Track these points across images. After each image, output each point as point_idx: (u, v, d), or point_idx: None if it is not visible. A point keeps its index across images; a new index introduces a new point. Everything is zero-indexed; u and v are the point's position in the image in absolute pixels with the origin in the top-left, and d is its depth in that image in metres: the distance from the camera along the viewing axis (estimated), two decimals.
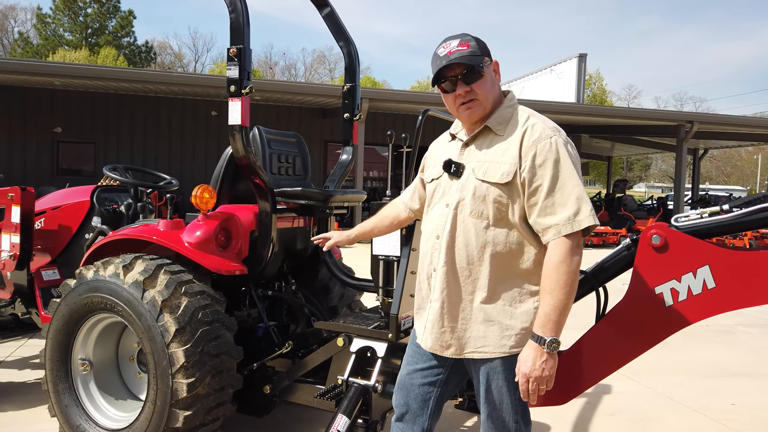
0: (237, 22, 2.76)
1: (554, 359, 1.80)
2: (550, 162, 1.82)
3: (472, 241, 1.90)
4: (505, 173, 1.85)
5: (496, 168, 1.87)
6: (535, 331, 1.82)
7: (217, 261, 2.97)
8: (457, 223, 1.92)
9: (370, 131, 14.97)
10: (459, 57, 1.89)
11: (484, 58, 1.92)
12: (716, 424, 3.92)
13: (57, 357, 3.07)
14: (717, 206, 2.32)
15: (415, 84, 55.68)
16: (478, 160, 1.93)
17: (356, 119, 3.69)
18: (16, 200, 3.61)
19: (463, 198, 1.92)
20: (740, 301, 2.18)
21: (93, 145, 16.09)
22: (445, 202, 1.98)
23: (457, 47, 1.91)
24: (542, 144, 1.84)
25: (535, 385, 1.80)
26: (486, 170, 1.89)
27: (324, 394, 2.78)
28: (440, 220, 1.97)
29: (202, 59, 55.17)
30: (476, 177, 1.90)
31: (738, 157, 53.39)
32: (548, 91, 21.96)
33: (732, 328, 6.68)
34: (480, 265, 1.90)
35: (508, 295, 1.90)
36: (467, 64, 1.89)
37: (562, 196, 1.81)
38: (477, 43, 1.93)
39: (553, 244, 1.82)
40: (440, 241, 1.95)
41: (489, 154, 1.92)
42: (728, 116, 19.22)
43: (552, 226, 1.81)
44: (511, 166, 1.85)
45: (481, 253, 1.89)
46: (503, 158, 1.88)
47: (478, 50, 1.92)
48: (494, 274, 1.89)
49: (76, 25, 42.67)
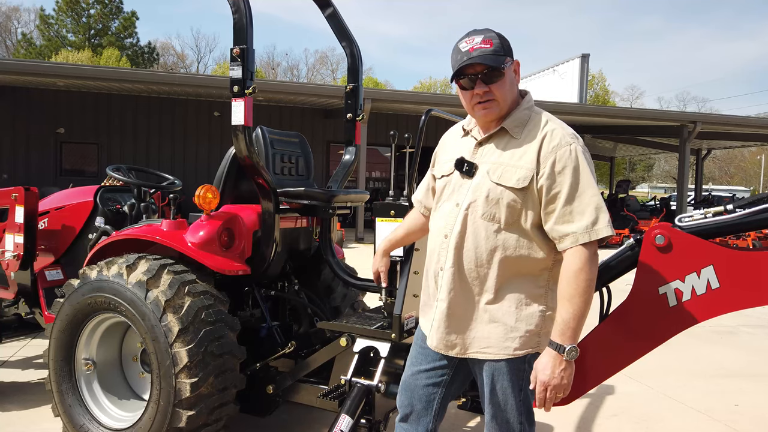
0: (240, 22, 2.77)
1: (572, 367, 1.80)
2: (570, 169, 1.81)
3: (481, 244, 1.88)
4: (522, 178, 1.84)
5: (512, 172, 1.85)
6: (553, 339, 1.80)
7: (221, 261, 2.97)
8: (468, 224, 1.90)
9: (373, 132, 14.98)
10: (481, 56, 1.85)
11: (507, 58, 1.88)
12: (720, 425, 3.91)
13: (60, 357, 3.08)
14: (721, 206, 2.31)
15: (418, 85, 55.73)
16: (492, 162, 1.91)
17: (359, 119, 3.69)
18: (19, 200, 3.61)
19: (475, 200, 1.89)
20: (744, 302, 2.18)
21: (96, 146, 16.13)
22: (455, 201, 1.96)
23: (481, 44, 1.86)
24: (562, 151, 1.82)
25: (552, 393, 1.80)
26: (501, 173, 1.87)
27: (327, 394, 2.78)
28: (449, 219, 1.95)
29: (204, 60, 55.35)
30: (491, 179, 1.88)
31: (741, 158, 53.28)
32: (551, 91, 21.95)
33: (735, 329, 6.66)
34: (488, 267, 1.88)
35: (513, 297, 1.89)
36: (489, 65, 1.85)
37: (581, 204, 1.80)
38: (501, 41, 1.89)
39: (570, 252, 1.81)
40: (448, 241, 1.94)
41: (505, 156, 1.89)
42: (731, 116, 19.17)
43: (570, 234, 1.80)
44: (528, 171, 1.83)
45: (490, 256, 1.88)
46: (520, 162, 1.86)
47: (501, 49, 1.87)
48: (501, 276, 1.88)
49: (79, 26, 42.76)
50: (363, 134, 12.80)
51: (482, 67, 1.86)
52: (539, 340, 1.91)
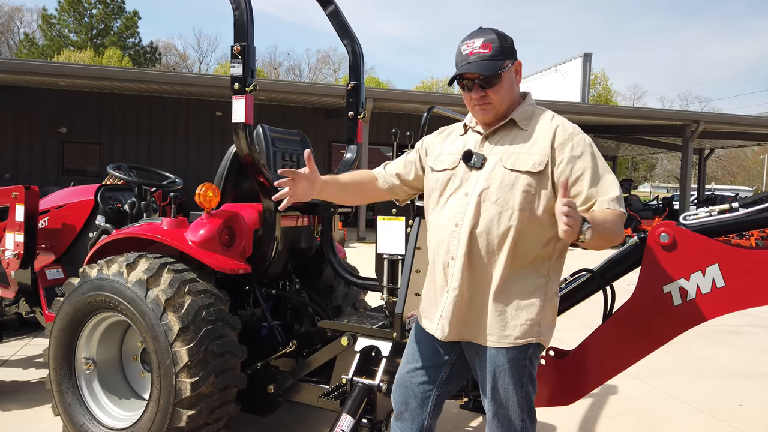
0: (241, 19, 2.76)
1: (586, 234, 1.67)
2: (588, 154, 1.90)
3: (493, 230, 1.90)
4: (537, 163, 1.89)
5: (526, 158, 1.91)
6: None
7: (221, 260, 2.96)
8: (481, 210, 1.92)
9: (374, 131, 14.98)
10: (477, 62, 1.92)
11: (505, 62, 1.94)
12: (724, 425, 3.89)
13: (61, 356, 3.07)
14: (726, 205, 2.30)
15: (420, 84, 55.69)
16: (503, 151, 1.96)
17: (360, 117, 3.67)
18: (20, 199, 3.61)
19: (488, 186, 1.92)
20: (750, 301, 2.16)
21: (98, 146, 16.16)
22: (464, 191, 1.98)
23: (479, 49, 1.93)
24: (577, 138, 1.92)
25: (568, 212, 1.63)
26: (515, 160, 1.92)
27: (328, 393, 2.77)
28: (459, 209, 1.96)
29: (206, 60, 55.31)
30: (504, 166, 1.92)
31: (744, 157, 53.18)
32: (553, 90, 21.93)
33: (739, 329, 6.63)
34: (498, 254, 1.91)
35: (517, 286, 1.92)
36: (483, 74, 1.91)
37: (603, 185, 1.87)
38: (501, 43, 1.94)
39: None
40: (459, 229, 1.94)
41: (515, 146, 1.95)
42: (734, 116, 19.14)
43: (607, 200, 1.85)
44: (543, 157, 1.90)
45: (501, 241, 1.90)
46: (532, 150, 1.92)
47: (500, 53, 1.93)
48: (509, 264, 1.90)
49: (81, 25, 42.87)
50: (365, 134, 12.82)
51: (478, 75, 1.93)
52: (540, 330, 1.93)
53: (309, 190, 2.06)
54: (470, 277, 1.94)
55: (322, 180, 2.11)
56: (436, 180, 2.07)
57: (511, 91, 1.99)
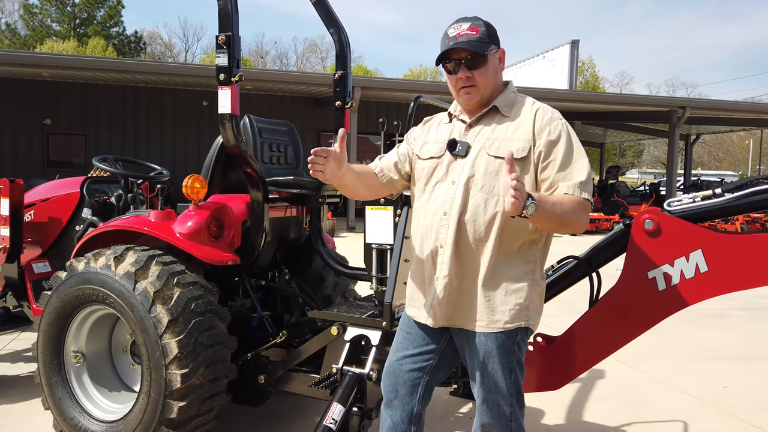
0: (225, 8, 2.73)
1: (533, 207, 1.72)
2: (564, 139, 1.93)
3: (480, 217, 1.93)
4: (520, 149, 1.92)
5: (509, 144, 1.93)
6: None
7: (209, 251, 2.95)
8: (469, 198, 1.95)
9: (363, 120, 14.93)
10: (466, 41, 1.95)
11: (491, 45, 1.99)
12: (709, 406, 3.96)
13: (49, 350, 3.05)
14: (709, 190, 2.32)
15: (408, 72, 55.51)
16: (486, 138, 1.98)
17: (348, 107, 3.66)
18: (4, 192, 3.57)
19: (473, 174, 1.95)
20: (733, 285, 2.19)
21: (83, 137, 15.96)
22: (450, 179, 2.00)
23: (467, 31, 1.97)
24: (555, 123, 1.95)
25: (516, 186, 1.68)
26: (498, 147, 1.95)
27: (319, 383, 2.78)
28: (447, 197, 1.98)
29: (192, 49, 54.83)
30: (488, 153, 1.95)
31: (730, 143, 53.65)
32: (541, 77, 21.90)
33: (724, 312, 6.73)
34: (486, 240, 1.93)
35: (505, 272, 1.95)
36: (472, 51, 1.94)
37: (572, 171, 1.91)
38: (487, 29, 2.00)
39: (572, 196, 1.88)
40: (448, 217, 1.97)
41: (498, 132, 1.98)
42: (720, 101, 19.28)
43: (569, 185, 1.88)
44: (525, 143, 1.93)
45: (489, 228, 1.92)
46: (515, 136, 1.95)
47: (487, 37, 1.98)
48: (496, 251, 1.93)
49: (64, 15, 42.17)
50: (353, 123, 12.76)
51: (466, 53, 1.96)
52: (528, 314, 1.96)
53: (336, 171, 1.99)
54: (459, 265, 1.96)
55: (343, 170, 2.04)
56: (422, 168, 2.09)
57: (495, 77, 2.02)
